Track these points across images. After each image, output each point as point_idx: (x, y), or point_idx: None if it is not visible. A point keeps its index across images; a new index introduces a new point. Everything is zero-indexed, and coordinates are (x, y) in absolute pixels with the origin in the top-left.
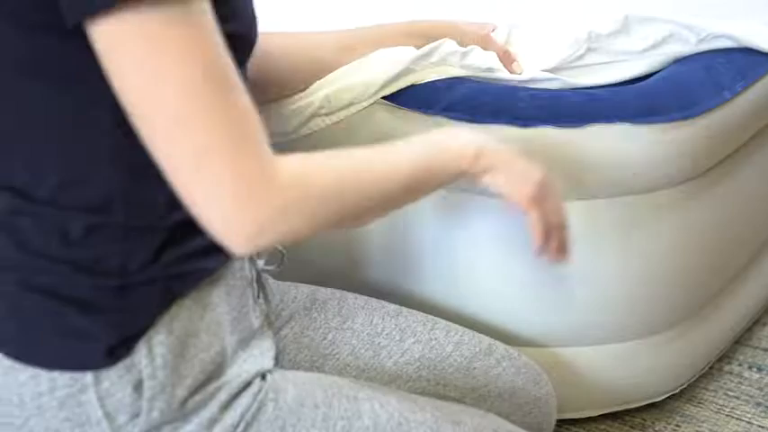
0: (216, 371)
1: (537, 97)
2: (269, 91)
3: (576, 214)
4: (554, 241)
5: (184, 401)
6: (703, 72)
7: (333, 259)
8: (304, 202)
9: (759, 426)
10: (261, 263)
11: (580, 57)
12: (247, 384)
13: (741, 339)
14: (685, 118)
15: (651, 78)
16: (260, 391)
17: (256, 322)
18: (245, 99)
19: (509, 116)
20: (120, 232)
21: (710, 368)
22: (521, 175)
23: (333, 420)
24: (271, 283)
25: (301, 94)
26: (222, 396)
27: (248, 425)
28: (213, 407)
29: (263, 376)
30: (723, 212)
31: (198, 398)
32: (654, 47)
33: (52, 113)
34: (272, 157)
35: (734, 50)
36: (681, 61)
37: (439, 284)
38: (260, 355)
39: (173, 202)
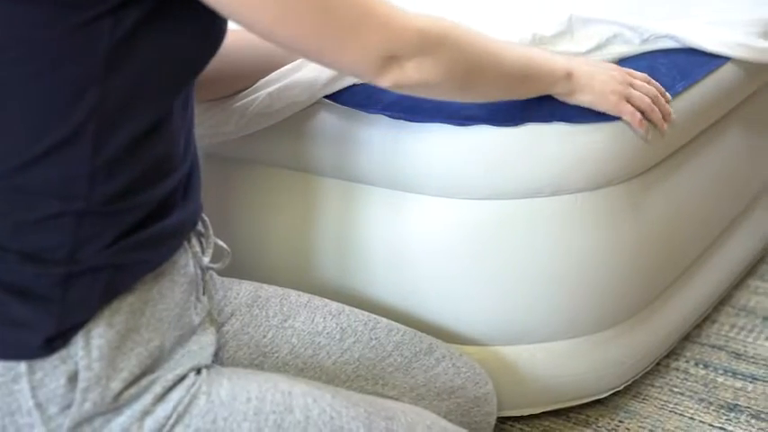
0: (152, 365)
1: None
2: (215, 88)
3: (517, 212)
4: (655, 114)
5: (119, 394)
6: (645, 72)
7: (281, 258)
8: (442, 44)
9: (701, 421)
10: (206, 260)
11: None
12: (182, 378)
13: (690, 336)
14: (622, 118)
15: None
16: (193, 384)
17: (197, 319)
18: None
19: (447, 115)
20: (74, 221)
21: (658, 365)
22: (602, 89)
23: (264, 414)
24: (216, 279)
25: (245, 92)
26: (156, 389)
27: (180, 417)
28: (146, 399)
29: (199, 371)
30: (668, 210)
31: (132, 391)
32: (598, 47)
33: (19, 98)
34: (406, 12)
35: (676, 51)
36: (624, 62)
37: (384, 284)
38: (198, 351)
39: (126, 192)
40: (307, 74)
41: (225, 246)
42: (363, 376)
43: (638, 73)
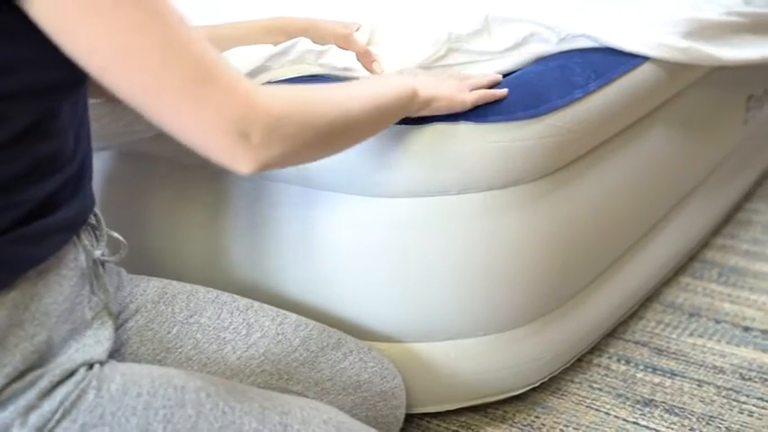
0: (39, 360)
1: None
2: None
3: (425, 210)
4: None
5: (2, 390)
6: (557, 71)
7: (194, 255)
8: (292, 119)
9: (615, 416)
10: (98, 253)
11: (441, 57)
12: (71, 373)
13: (615, 333)
14: (531, 117)
15: (504, 78)
16: (83, 380)
17: (90, 313)
18: (197, 34)
19: None
20: None
21: (580, 361)
22: (450, 92)
23: (154, 409)
24: (123, 275)
25: None
26: (43, 384)
27: (66, 412)
28: (31, 395)
29: (91, 366)
30: (583, 208)
31: (16, 386)
32: (515, 46)
33: None
34: (246, 80)
35: (594, 50)
36: (539, 61)
37: (297, 281)
38: (93, 345)
39: (6, 189)
40: None
41: (121, 238)
42: (268, 371)
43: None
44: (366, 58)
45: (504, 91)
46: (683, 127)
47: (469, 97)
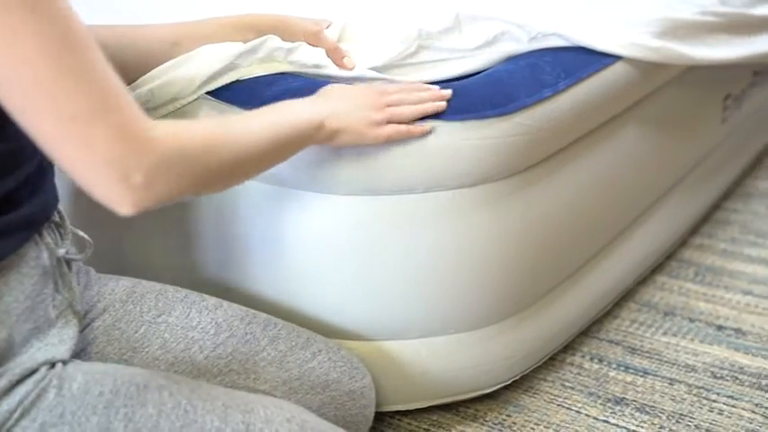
0: None
1: None
2: None
3: (393, 208)
4: (429, 106)
5: None
6: (527, 70)
7: (163, 254)
8: (179, 159)
9: (586, 414)
10: (61, 251)
11: (412, 54)
12: (32, 372)
13: (589, 331)
14: (499, 115)
15: (472, 77)
16: (44, 378)
17: (54, 312)
18: (102, 61)
19: None
20: None
21: (553, 359)
22: (357, 127)
23: (115, 408)
24: (91, 274)
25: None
26: (1, 383)
27: (26, 411)
28: None
29: (53, 365)
30: (555, 207)
31: None
32: (486, 44)
33: None
34: (144, 118)
35: (564, 49)
36: (510, 60)
37: (266, 280)
38: (56, 344)
39: None
40: (188, 70)
41: (86, 236)
42: (236, 370)
43: (393, 86)
44: (336, 55)
45: (424, 128)
46: (658, 126)
47: (382, 133)
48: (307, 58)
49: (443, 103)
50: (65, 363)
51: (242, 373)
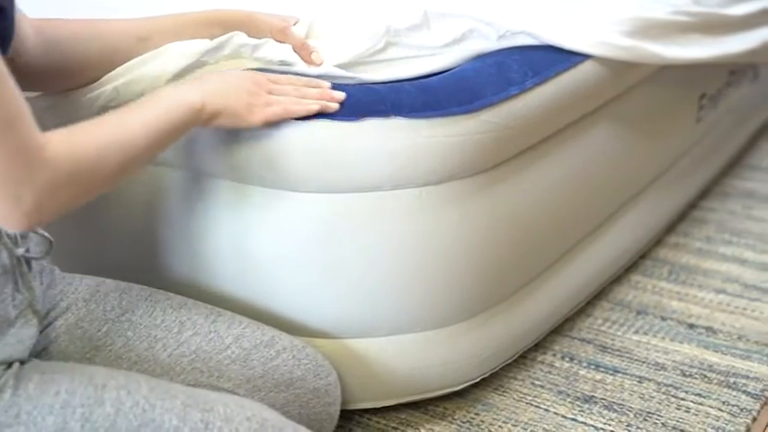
0: None
1: None
2: (60, 80)
3: (359, 206)
4: (304, 105)
5: None
6: (494, 68)
7: (129, 252)
8: (75, 174)
9: (555, 412)
10: (20, 251)
11: (380, 50)
12: None
13: (561, 330)
14: (465, 113)
15: (439, 75)
16: None
17: (14, 312)
18: (6, 83)
19: None
20: None
21: (524, 358)
22: (236, 109)
23: (72, 407)
24: (56, 273)
25: (91, 87)
26: None
27: None
28: None
29: (10, 365)
30: (523, 205)
31: None
32: (455, 42)
33: None
34: (39, 136)
35: (533, 47)
36: (478, 58)
37: (233, 278)
38: (14, 344)
39: None
40: (154, 68)
41: (47, 236)
42: (199, 368)
43: (283, 78)
44: (304, 51)
45: (310, 108)
46: (631, 125)
47: (258, 117)
48: (273, 54)
49: (334, 105)
50: (23, 362)
51: (205, 371)
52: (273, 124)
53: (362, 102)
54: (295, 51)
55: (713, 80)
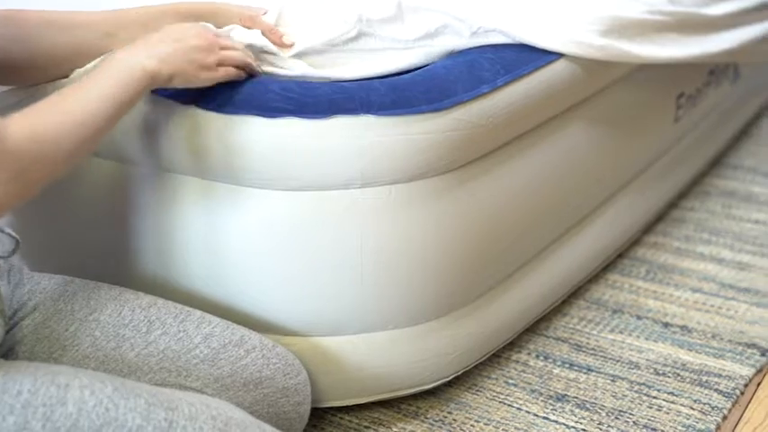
0: None
1: (286, 89)
2: (27, 73)
3: (329, 203)
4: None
5: None
6: (465, 66)
7: (99, 250)
8: (37, 156)
9: (527, 411)
10: None
11: (352, 39)
12: None
13: (537, 329)
14: (435, 111)
15: (410, 72)
16: None
17: None
18: None
19: (257, 107)
20: None
21: (498, 357)
22: (187, 69)
23: (33, 407)
24: (24, 272)
25: (62, 81)
26: None
27: None
28: None
29: None
30: (494, 203)
31: None
32: (428, 37)
33: None
34: (3, 123)
35: (506, 46)
36: (450, 55)
37: (203, 276)
38: None
39: None
40: None
41: (14, 234)
42: (167, 368)
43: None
44: (274, 36)
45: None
46: (607, 124)
47: (214, 75)
48: (242, 38)
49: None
50: None
51: (173, 370)
52: (242, 122)
53: (332, 99)
54: (264, 35)
55: (692, 80)
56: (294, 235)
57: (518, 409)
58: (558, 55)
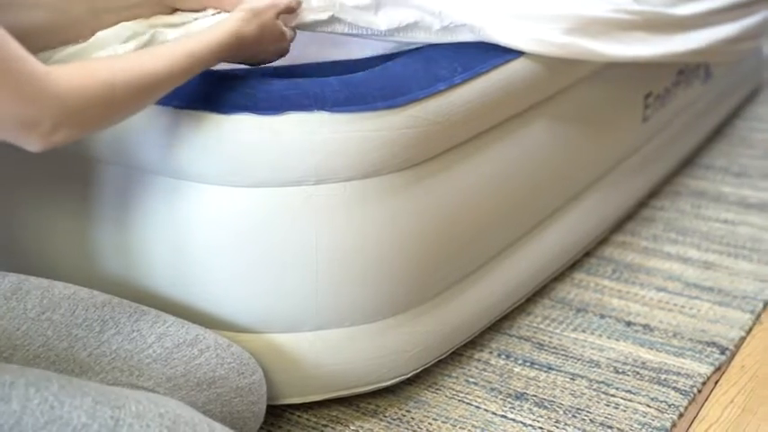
0: None
1: (243, 84)
2: None
3: (284, 200)
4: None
5: None
6: (422, 63)
7: (61, 248)
8: (83, 106)
9: (485, 409)
10: None
11: (324, 23)
12: None
13: (500, 328)
14: (389, 108)
15: (365, 71)
16: None
17: None
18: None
19: (211, 103)
20: None
21: (460, 355)
22: (272, 42)
23: None
24: None
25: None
26: None
27: None
28: None
29: None
30: (453, 201)
31: None
32: (398, 30)
33: None
34: (42, 72)
35: (467, 44)
36: (407, 53)
37: (163, 274)
38: None
39: None
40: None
41: None
42: (119, 368)
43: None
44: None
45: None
46: (572, 122)
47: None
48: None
49: None
50: None
51: (125, 370)
52: (196, 118)
53: (285, 96)
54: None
55: (660, 79)
56: (249, 231)
57: (476, 407)
58: (518, 53)
